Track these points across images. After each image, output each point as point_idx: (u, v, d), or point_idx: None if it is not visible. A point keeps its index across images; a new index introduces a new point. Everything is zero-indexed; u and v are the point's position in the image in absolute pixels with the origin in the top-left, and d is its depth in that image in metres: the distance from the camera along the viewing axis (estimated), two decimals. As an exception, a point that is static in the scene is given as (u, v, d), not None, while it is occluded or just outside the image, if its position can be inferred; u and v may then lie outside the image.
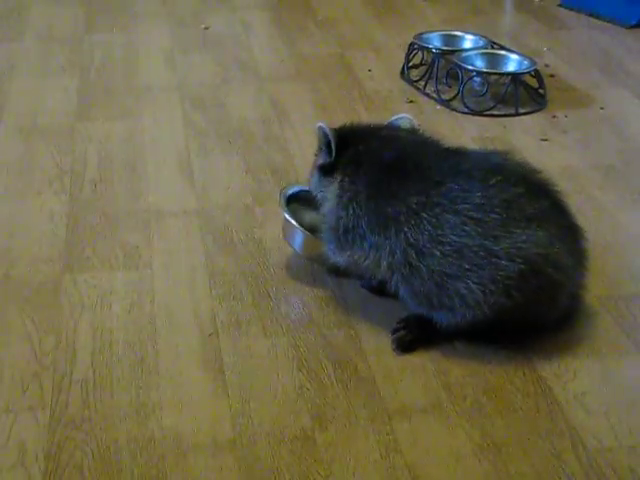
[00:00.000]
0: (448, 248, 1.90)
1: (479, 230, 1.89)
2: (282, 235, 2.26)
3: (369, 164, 2.04)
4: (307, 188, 2.22)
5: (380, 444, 1.74)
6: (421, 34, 3.40)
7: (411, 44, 3.36)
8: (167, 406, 1.82)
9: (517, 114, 3.08)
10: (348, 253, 2.04)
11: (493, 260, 1.88)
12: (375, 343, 2.00)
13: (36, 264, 2.26)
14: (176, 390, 1.87)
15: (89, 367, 1.93)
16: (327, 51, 3.61)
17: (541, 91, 3.18)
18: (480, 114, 3.08)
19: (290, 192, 2.28)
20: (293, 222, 2.18)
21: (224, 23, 3.90)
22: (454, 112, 3.09)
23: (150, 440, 1.74)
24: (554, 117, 3.08)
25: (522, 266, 1.88)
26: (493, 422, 1.79)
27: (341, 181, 2.06)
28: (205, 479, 1.67)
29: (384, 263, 1.98)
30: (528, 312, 1.94)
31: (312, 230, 2.18)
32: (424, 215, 1.93)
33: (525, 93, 3.14)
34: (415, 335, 1.99)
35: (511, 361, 1.95)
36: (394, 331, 2.01)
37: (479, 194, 1.92)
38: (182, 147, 2.83)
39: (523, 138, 2.92)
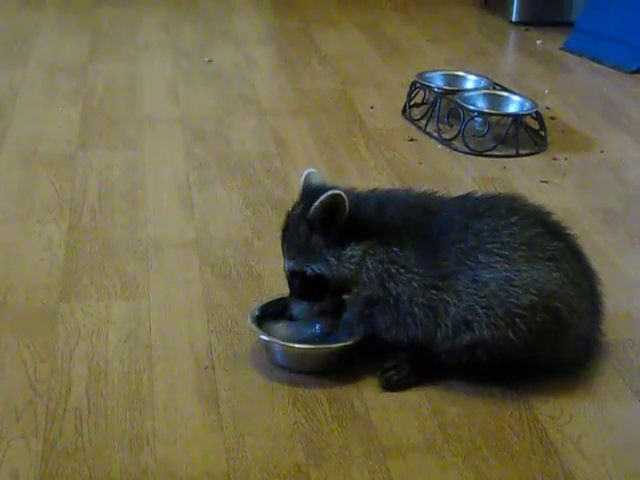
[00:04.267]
0: (480, 285, 1.92)
1: (506, 266, 1.92)
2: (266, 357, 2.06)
3: (398, 225, 1.97)
4: (270, 300, 2.13)
5: (374, 482, 1.73)
6: (423, 73, 3.42)
7: (413, 83, 3.38)
8: (161, 438, 1.81)
9: (517, 155, 3.10)
10: (404, 325, 1.97)
11: (509, 288, 1.90)
12: (372, 380, 1.99)
13: (33, 291, 2.26)
14: (170, 422, 1.86)
15: (83, 396, 1.91)
16: (329, 87, 3.63)
17: (542, 133, 3.19)
18: (481, 154, 3.08)
19: (257, 313, 2.09)
20: (268, 338, 2.02)
21: (227, 56, 3.92)
22: (455, 152, 3.10)
23: (143, 472, 1.73)
24: (554, 159, 3.09)
25: (534, 297, 1.90)
26: (488, 463, 1.78)
27: (375, 251, 1.95)
28: (197, 513, 1.67)
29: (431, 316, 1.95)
30: (531, 349, 1.93)
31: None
32: (466, 262, 1.93)
33: (526, 135, 3.15)
34: (404, 374, 1.98)
35: (507, 401, 1.94)
36: (382, 371, 2.00)
37: (506, 232, 1.95)
38: (183, 179, 2.83)
39: (523, 179, 2.93)
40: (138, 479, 1.71)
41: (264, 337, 2.03)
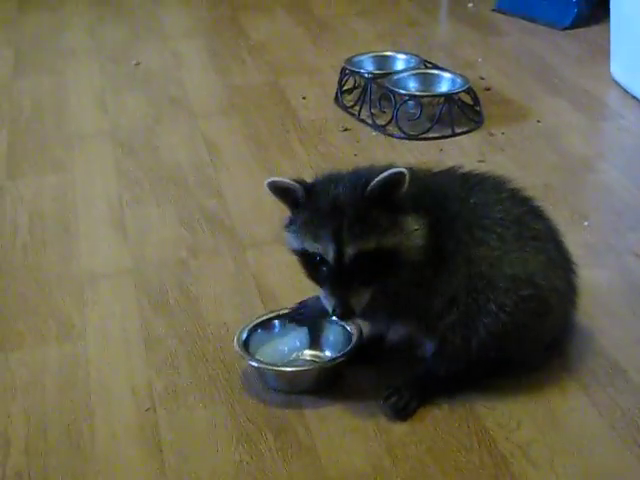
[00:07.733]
0: (473, 265, 1.89)
1: (499, 245, 1.89)
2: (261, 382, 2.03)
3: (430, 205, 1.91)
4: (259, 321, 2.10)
5: (322, 519, 1.71)
6: (352, 58, 3.36)
7: (343, 69, 3.32)
8: (104, 494, 1.78)
9: (454, 135, 3.05)
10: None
11: (496, 267, 1.89)
12: (316, 406, 1.95)
13: (-33, 344, 2.21)
14: (114, 476, 1.82)
15: (23, 457, 1.87)
16: (260, 79, 3.56)
17: (477, 108, 3.15)
18: (416, 138, 3.04)
19: (245, 335, 2.07)
20: (258, 364, 2.01)
21: (155, 56, 3.84)
22: (390, 137, 3.06)
23: (87, 535, 1.70)
24: (491, 135, 3.05)
25: (518, 273, 1.89)
26: (437, 483, 1.76)
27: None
28: None
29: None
30: (516, 328, 1.90)
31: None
32: (465, 237, 1.89)
33: (460, 112, 3.10)
34: (409, 397, 1.93)
35: (454, 413, 1.92)
36: (385, 399, 1.94)
37: (498, 207, 1.94)
38: (114, 199, 2.77)
39: (460, 160, 2.83)
40: None
41: (253, 363, 2.01)
